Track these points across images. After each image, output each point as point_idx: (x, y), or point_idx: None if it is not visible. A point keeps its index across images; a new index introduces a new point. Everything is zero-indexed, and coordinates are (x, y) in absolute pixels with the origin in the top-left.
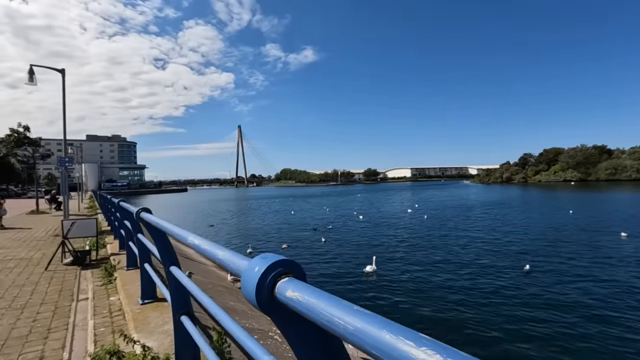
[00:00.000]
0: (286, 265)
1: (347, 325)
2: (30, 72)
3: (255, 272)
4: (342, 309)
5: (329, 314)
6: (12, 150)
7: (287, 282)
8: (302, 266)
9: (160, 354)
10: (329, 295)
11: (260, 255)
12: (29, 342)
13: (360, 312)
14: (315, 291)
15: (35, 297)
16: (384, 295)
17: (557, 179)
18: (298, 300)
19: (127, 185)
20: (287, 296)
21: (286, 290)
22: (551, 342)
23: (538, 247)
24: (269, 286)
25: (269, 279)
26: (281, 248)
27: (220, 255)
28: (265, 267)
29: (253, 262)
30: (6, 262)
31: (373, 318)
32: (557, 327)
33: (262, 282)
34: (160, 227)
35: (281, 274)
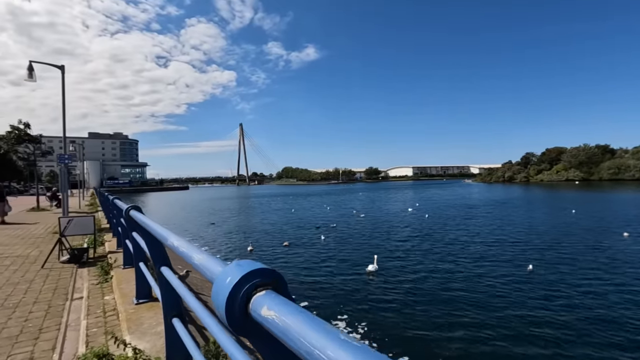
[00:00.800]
0: (265, 275)
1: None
2: (30, 69)
3: (226, 283)
4: (324, 337)
5: (308, 343)
6: (13, 147)
7: (264, 296)
8: (300, 267)
9: (152, 356)
10: (310, 317)
11: (236, 261)
12: (18, 343)
13: (347, 344)
14: (295, 310)
15: (29, 295)
16: (386, 295)
17: (559, 179)
18: (273, 321)
19: (129, 183)
20: (261, 314)
21: (261, 306)
22: (553, 343)
23: (541, 247)
24: (242, 301)
25: (243, 292)
26: (282, 245)
27: (195, 259)
28: (238, 277)
29: (226, 271)
30: (2, 260)
31: (363, 353)
32: (560, 327)
33: (233, 296)
34: (144, 225)
35: (257, 285)
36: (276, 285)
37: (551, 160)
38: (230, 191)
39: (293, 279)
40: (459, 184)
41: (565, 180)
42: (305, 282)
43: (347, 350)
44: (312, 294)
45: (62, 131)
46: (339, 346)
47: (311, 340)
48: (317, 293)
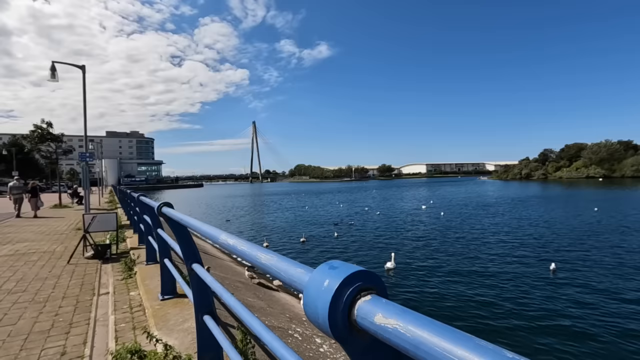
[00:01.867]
0: (366, 279)
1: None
2: (52, 69)
3: (325, 288)
4: (475, 350)
5: (453, 356)
6: (36, 145)
7: (371, 302)
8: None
9: (182, 353)
10: (441, 326)
11: (327, 263)
12: (51, 337)
13: (488, 351)
14: (422, 319)
15: (58, 290)
16: (404, 294)
17: (579, 176)
18: (397, 331)
19: (145, 181)
20: (375, 323)
21: (373, 314)
22: (577, 347)
23: (562, 246)
24: (346, 307)
25: (345, 297)
26: (299, 241)
27: (263, 259)
28: (339, 282)
29: (319, 274)
30: (30, 255)
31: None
32: (585, 331)
33: (336, 302)
34: (183, 222)
35: (360, 290)
36: (378, 290)
37: (570, 156)
38: (244, 188)
39: None
40: (474, 181)
41: (586, 177)
42: None
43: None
44: None
45: (84, 130)
46: (482, 354)
47: (456, 352)
48: None
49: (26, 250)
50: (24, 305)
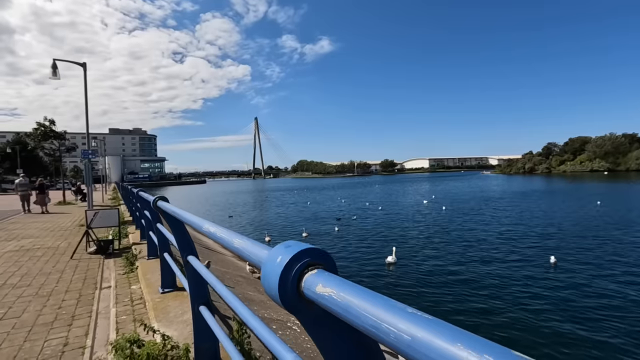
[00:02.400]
0: (314, 255)
1: (402, 335)
2: (54, 67)
3: (277, 263)
4: (392, 311)
5: (375, 318)
6: (40, 143)
7: (316, 275)
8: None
9: (179, 343)
10: (372, 293)
11: (284, 243)
12: (54, 329)
13: (418, 317)
14: (354, 287)
15: (61, 284)
16: (404, 288)
17: (583, 169)
18: (332, 298)
19: (149, 177)
20: (316, 292)
21: (315, 284)
22: (579, 339)
23: (565, 240)
24: (294, 280)
25: (294, 271)
26: (302, 236)
27: (236, 244)
28: (289, 257)
29: (275, 251)
30: (35, 251)
31: (438, 325)
32: (587, 323)
33: (285, 275)
34: (176, 215)
35: (308, 265)
36: (326, 266)
37: (575, 150)
38: (246, 185)
39: None
40: (477, 175)
41: (590, 171)
42: None
43: (419, 323)
44: None
45: (85, 127)
46: (410, 319)
47: (378, 314)
48: None
49: (31, 246)
50: (28, 299)
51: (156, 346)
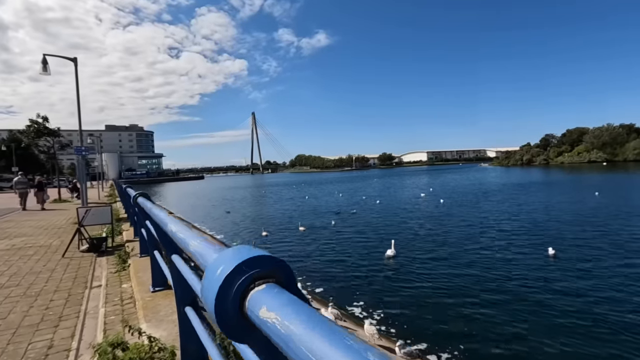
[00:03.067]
0: (265, 264)
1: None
2: (44, 62)
3: (217, 275)
4: (329, 344)
5: (310, 354)
6: (33, 140)
7: (264, 291)
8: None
9: (167, 344)
10: (317, 320)
11: (236, 247)
12: (39, 331)
13: (353, 351)
14: (300, 311)
15: (50, 284)
16: (403, 282)
17: (581, 160)
18: (274, 327)
19: (147, 174)
20: (259, 316)
21: (260, 305)
22: (576, 331)
23: (563, 231)
24: (237, 297)
25: (237, 285)
26: (298, 230)
27: (191, 246)
28: (232, 267)
29: (219, 259)
30: (26, 250)
31: None
32: (584, 315)
33: (225, 290)
34: (149, 212)
35: (257, 277)
36: (280, 277)
37: (572, 141)
38: (245, 180)
39: (309, 264)
40: (475, 168)
41: (588, 162)
42: (321, 267)
43: None
44: (330, 278)
45: (78, 123)
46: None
47: (314, 348)
48: (335, 278)
49: (22, 245)
50: (15, 300)
51: (142, 348)
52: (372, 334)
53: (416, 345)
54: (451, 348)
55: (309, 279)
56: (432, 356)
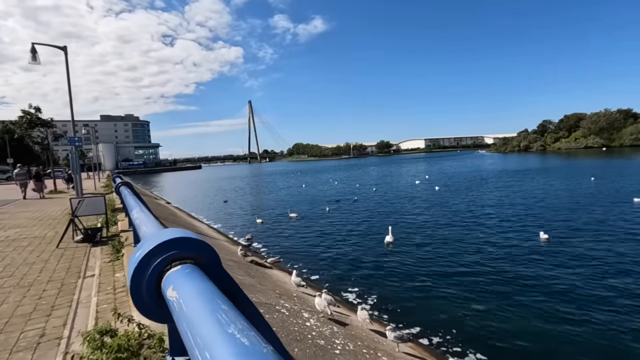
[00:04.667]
0: (184, 246)
1: None
2: (33, 51)
3: (135, 257)
4: (212, 329)
5: (192, 336)
6: (26, 131)
7: (177, 272)
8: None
9: (156, 332)
10: (211, 302)
11: (165, 230)
12: (31, 320)
13: (231, 340)
14: (202, 291)
15: (44, 274)
16: (399, 268)
17: (578, 146)
18: (172, 304)
19: (143, 164)
20: (167, 296)
21: (168, 285)
22: (573, 316)
23: (558, 216)
24: (152, 280)
25: (153, 267)
26: (292, 217)
27: (141, 232)
28: (149, 249)
29: (142, 242)
30: (20, 241)
31: (243, 350)
32: (580, 299)
33: (140, 271)
34: (124, 201)
35: (175, 259)
36: (201, 259)
37: (570, 127)
38: (242, 169)
39: (303, 251)
40: (473, 154)
41: (585, 147)
42: (316, 253)
43: (227, 347)
44: (324, 265)
45: (70, 113)
46: (221, 342)
47: (196, 331)
48: (330, 264)
49: (17, 236)
50: (8, 290)
51: (132, 335)
52: (364, 319)
53: (408, 329)
54: (443, 332)
55: (304, 265)
56: (423, 339)
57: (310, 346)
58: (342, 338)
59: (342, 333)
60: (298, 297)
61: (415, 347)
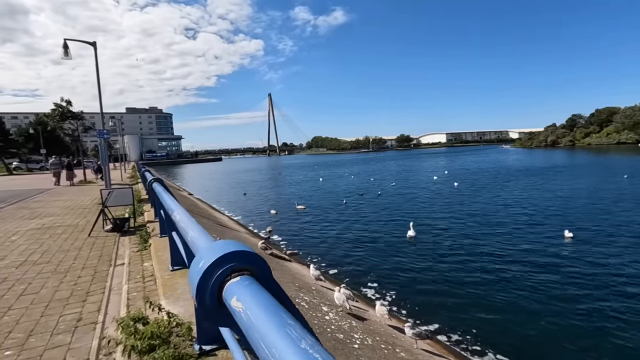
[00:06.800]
0: (241, 259)
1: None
2: (65, 47)
3: (198, 269)
4: (284, 342)
5: (266, 348)
6: (58, 123)
7: (237, 283)
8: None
9: (184, 320)
10: (278, 315)
11: (221, 242)
12: (69, 305)
13: (305, 355)
14: (265, 303)
15: (78, 261)
16: (419, 263)
17: (610, 142)
18: (239, 315)
19: (166, 155)
20: (231, 305)
21: (232, 295)
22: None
23: (587, 215)
24: (214, 288)
25: (215, 277)
26: (295, 208)
27: (189, 236)
28: (211, 261)
29: (202, 253)
30: (55, 229)
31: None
32: (610, 303)
33: (204, 282)
34: (161, 199)
35: (234, 270)
36: (255, 271)
37: (601, 122)
38: (262, 161)
39: (319, 244)
40: (496, 149)
41: (617, 143)
42: (333, 247)
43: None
44: (342, 259)
45: (99, 107)
46: (299, 358)
47: (270, 344)
48: (348, 258)
49: (51, 224)
50: (46, 276)
51: (162, 323)
52: (382, 314)
53: (426, 326)
54: (462, 330)
55: (322, 259)
56: (442, 337)
57: (329, 339)
58: (360, 333)
59: (360, 328)
60: (317, 291)
61: (434, 345)
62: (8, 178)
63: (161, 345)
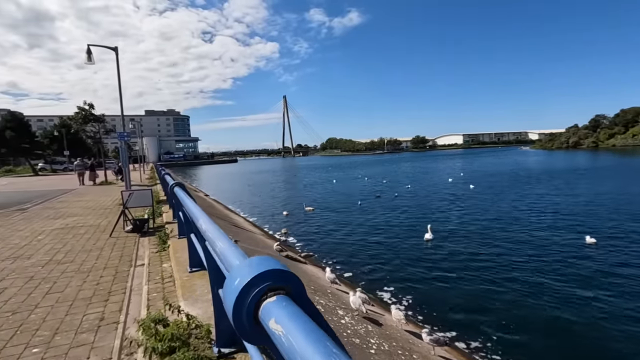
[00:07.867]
0: (278, 278)
1: None
2: (88, 52)
3: (235, 285)
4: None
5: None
6: (81, 126)
7: (274, 303)
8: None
9: (203, 322)
10: (318, 339)
11: (252, 259)
12: (92, 304)
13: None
14: (303, 326)
15: (100, 261)
16: (436, 268)
17: (635, 143)
18: (280, 338)
19: (183, 157)
20: (269, 326)
21: (270, 316)
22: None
23: (609, 220)
24: (251, 307)
25: (251, 297)
26: (303, 209)
27: (218, 247)
28: (247, 280)
29: (237, 270)
30: (78, 229)
31: None
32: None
33: (241, 300)
34: (183, 204)
35: (270, 289)
36: (291, 289)
37: (627, 122)
38: (276, 163)
39: (335, 247)
40: (515, 151)
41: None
42: (348, 249)
43: None
44: (358, 261)
45: (120, 110)
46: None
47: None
48: (364, 261)
49: (75, 224)
50: (70, 275)
51: (181, 325)
52: (399, 319)
53: (445, 332)
54: (482, 338)
55: (337, 261)
56: (460, 343)
57: (345, 344)
58: (377, 337)
59: (376, 332)
60: (332, 294)
61: (452, 351)
62: (35, 179)
63: (181, 347)
